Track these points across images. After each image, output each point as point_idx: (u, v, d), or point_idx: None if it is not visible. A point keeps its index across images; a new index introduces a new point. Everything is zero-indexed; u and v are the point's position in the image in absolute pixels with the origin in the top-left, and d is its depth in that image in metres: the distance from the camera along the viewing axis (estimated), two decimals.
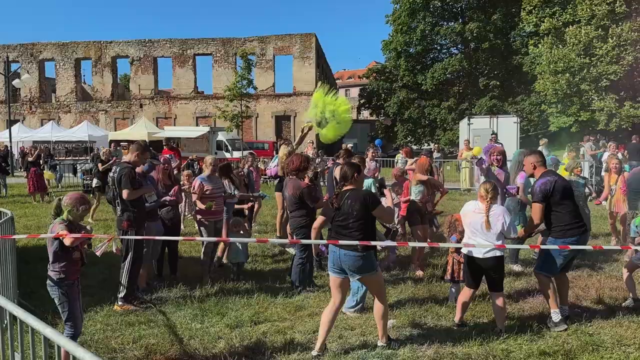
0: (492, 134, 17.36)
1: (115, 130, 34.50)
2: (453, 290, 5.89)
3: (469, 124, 23.49)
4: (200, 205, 6.78)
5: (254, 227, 10.84)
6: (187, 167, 18.21)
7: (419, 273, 6.98)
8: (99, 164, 12.28)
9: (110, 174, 5.93)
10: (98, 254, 4.37)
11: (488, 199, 4.88)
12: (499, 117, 23.67)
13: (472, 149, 16.70)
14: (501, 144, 16.88)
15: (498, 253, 4.89)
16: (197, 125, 34.14)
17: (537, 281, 5.59)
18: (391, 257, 7.37)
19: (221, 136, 28.23)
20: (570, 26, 31.76)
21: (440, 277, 6.28)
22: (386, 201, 5.26)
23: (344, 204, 4.58)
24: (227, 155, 26.38)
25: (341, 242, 4.48)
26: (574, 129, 31.35)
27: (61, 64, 38.03)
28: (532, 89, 34.16)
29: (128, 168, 5.74)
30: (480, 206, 4.94)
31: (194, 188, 6.91)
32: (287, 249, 8.30)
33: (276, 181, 10.60)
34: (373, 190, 6.50)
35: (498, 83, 36.62)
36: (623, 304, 5.74)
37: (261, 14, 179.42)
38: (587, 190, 8.30)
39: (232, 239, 6.66)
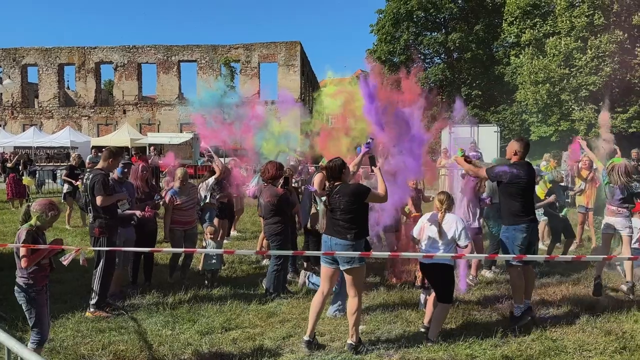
0: (470, 142, 17.59)
1: (98, 136, 34.23)
2: (423, 296, 5.98)
3: (450, 133, 23.73)
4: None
5: (232, 234, 10.88)
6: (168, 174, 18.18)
7: (393, 280, 7.07)
8: (66, 171, 12.23)
9: (84, 181, 5.94)
10: (65, 263, 4.37)
11: (443, 209, 5.04)
12: (479, 126, 23.95)
13: (450, 157, 16.90)
14: (480, 152, 17.14)
15: (442, 261, 4.98)
16: (181, 132, 34.02)
17: (507, 288, 5.74)
18: None
19: (211, 142, 28.14)
20: (551, 37, 32.38)
21: (412, 283, 6.38)
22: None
23: (333, 200, 4.81)
24: (215, 162, 26.29)
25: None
26: (554, 139, 31.86)
27: (44, 69, 37.71)
28: (513, 98, 34.69)
29: (101, 174, 5.74)
30: (436, 216, 5.08)
31: (165, 202, 6.99)
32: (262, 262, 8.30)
33: None
34: None
35: (480, 92, 37.11)
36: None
37: (247, 22, 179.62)
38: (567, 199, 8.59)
39: (198, 250, 6.73)
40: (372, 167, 5.11)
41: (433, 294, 5.32)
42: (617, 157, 7.33)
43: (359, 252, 4.63)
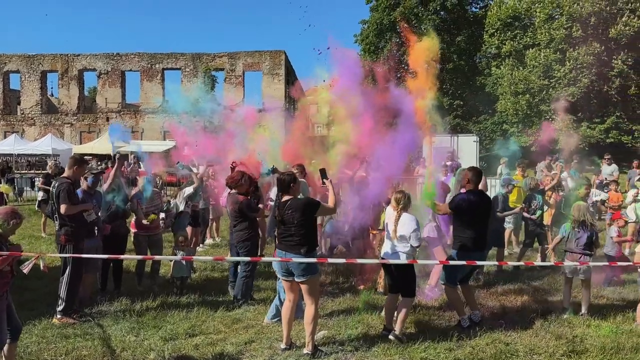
0: (448, 152, 17.86)
1: (81, 144, 34.03)
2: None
3: (431, 143, 24.05)
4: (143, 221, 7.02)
5: (208, 241, 10.96)
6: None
7: (361, 287, 7.21)
8: (42, 179, 12.24)
9: (50, 189, 6.01)
10: (25, 271, 4.43)
11: (399, 208, 5.22)
12: (459, 135, 24.31)
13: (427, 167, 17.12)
14: (459, 162, 17.40)
15: (402, 258, 5.22)
16: (164, 139, 33.96)
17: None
18: None
19: (187, 150, 28.15)
20: (531, 49, 33.01)
21: (374, 288, 6.53)
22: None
23: (285, 214, 4.89)
24: (194, 170, 26.32)
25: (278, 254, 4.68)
26: (534, 149, 32.34)
27: (26, 76, 37.45)
28: (494, 108, 35.23)
29: (66, 183, 5.80)
30: (394, 214, 5.27)
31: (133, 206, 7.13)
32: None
33: None
34: None
35: (462, 102, 37.60)
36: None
37: (232, 31, 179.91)
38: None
39: (157, 257, 6.84)
40: (324, 180, 5.20)
41: (389, 296, 5.49)
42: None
43: (315, 259, 4.76)
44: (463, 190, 7.35)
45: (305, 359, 4.83)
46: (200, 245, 10.14)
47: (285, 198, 5.01)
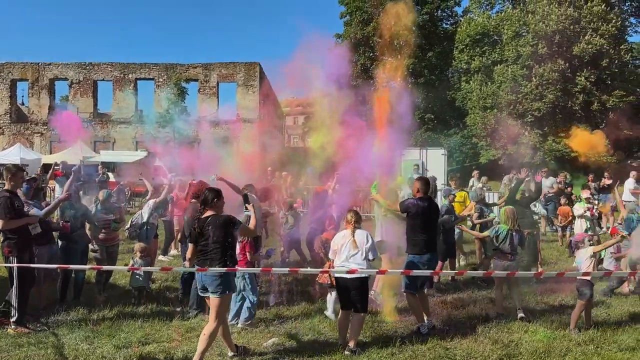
0: (414, 165, 18.32)
1: (51, 154, 33.58)
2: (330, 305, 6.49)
3: (401, 155, 24.51)
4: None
5: (172, 252, 11.03)
6: (117, 192, 18.17)
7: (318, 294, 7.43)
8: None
9: None
10: None
11: (352, 223, 5.52)
12: (428, 149, 24.83)
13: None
14: (420, 174, 17.82)
15: (362, 275, 5.43)
16: (136, 150, 33.76)
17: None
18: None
19: (159, 162, 28.07)
20: (499, 65, 34.00)
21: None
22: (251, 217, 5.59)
23: (205, 230, 4.98)
24: (165, 180, 26.25)
25: (207, 268, 4.86)
26: (502, 162, 33.20)
27: None
28: (464, 122, 36.09)
29: (4, 197, 5.75)
30: (347, 232, 5.51)
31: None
32: None
33: None
34: None
35: (432, 116, 38.36)
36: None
37: (206, 43, 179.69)
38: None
39: (106, 267, 6.95)
40: (246, 205, 5.42)
41: (341, 313, 5.68)
42: None
43: (260, 269, 4.97)
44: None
45: None
46: (161, 256, 10.24)
47: (207, 214, 5.06)
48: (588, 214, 10.06)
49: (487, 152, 34.52)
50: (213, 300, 4.97)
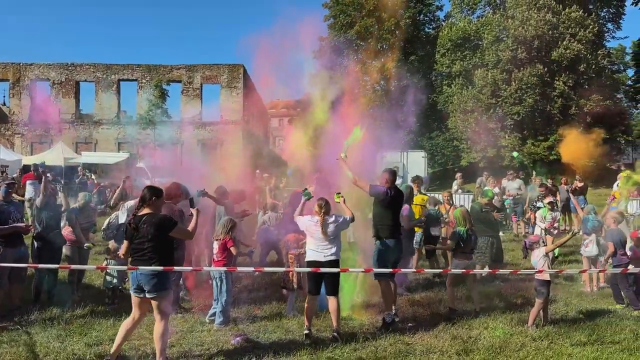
0: (394, 167, 18.55)
1: (32, 155, 33.32)
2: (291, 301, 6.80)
3: (382, 157, 24.81)
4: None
5: None
6: (97, 193, 18.20)
7: (285, 292, 7.63)
8: None
9: None
10: None
11: (322, 213, 5.87)
12: (408, 151, 25.17)
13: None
14: (402, 176, 18.12)
15: (334, 257, 5.83)
16: (118, 151, 33.65)
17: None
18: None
19: (142, 163, 28.04)
20: (479, 69, 34.49)
21: (282, 286, 6.98)
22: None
23: (140, 228, 4.96)
24: (147, 182, 26.26)
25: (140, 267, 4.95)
26: (482, 164, 33.71)
27: None
28: (445, 125, 36.52)
29: None
30: (317, 219, 5.89)
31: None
32: None
33: None
34: None
35: (415, 119, 38.76)
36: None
37: (190, 44, 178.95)
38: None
39: (74, 267, 7.10)
40: (191, 209, 5.52)
41: (308, 298, 5.96)
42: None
43: (226, 267, 5.14)
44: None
45: None
46: None
47: (144, 211, 5.04)
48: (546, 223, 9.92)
49: (467, 155, 35.00)
50: (153, 302, 4.97)
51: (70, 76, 36.45)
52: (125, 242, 5.12)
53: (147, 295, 4.96)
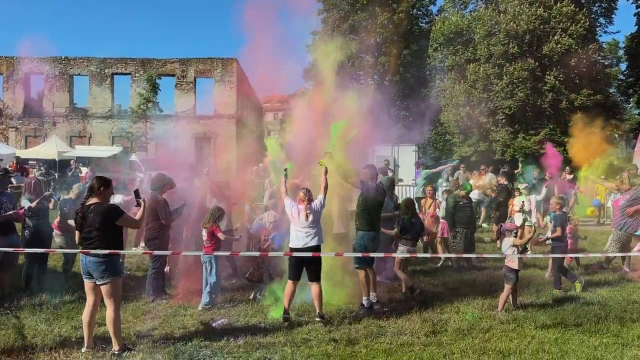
0: (385, 161, 18.84)
1: (26, 148, 33.45)
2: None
3: (373, 151, 25.04)
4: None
5: (142, 244, 11.38)
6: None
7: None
8: None
9: None
10: None
11: (306, 200, 6.20)
12: (399, 145, 25.39)
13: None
14: (392, 170, 18.40)
15: (315, 243, 6.14)
16: (112, 144, 33.79)
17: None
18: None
19: (135, 157, 28.23)
20: (471, 63, 34.72)
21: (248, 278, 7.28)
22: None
23: (87, 217, 5.11)
24: (140, 175, 26.45)
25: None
26: (474, 158, 33.99)
27: None
28: (438, 119, 36.76)
29: None
30: (301, 207, 6.21)
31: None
32: None
33: None
34: None
35: (407, 113, 39.01)
36: None
37: (184, 38, 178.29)
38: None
39: (59, 250, 7.43)
40: (138, 200, 5.57)
41: (289, 283, 6.25)
42: None
43: (203, 252, 5.38)
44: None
45: (112, 358, 5.06)
46: (134, 248, 10.59)
47: (91, 201, 5.15)
48: (526, 207, 10.34)
49: (460, 149, 35.29)
50: (102, 289, 5.10)
51: (64, 70, 36.53)
52: (77, 232, 5.25)
53: (97, 282, 5.09)
